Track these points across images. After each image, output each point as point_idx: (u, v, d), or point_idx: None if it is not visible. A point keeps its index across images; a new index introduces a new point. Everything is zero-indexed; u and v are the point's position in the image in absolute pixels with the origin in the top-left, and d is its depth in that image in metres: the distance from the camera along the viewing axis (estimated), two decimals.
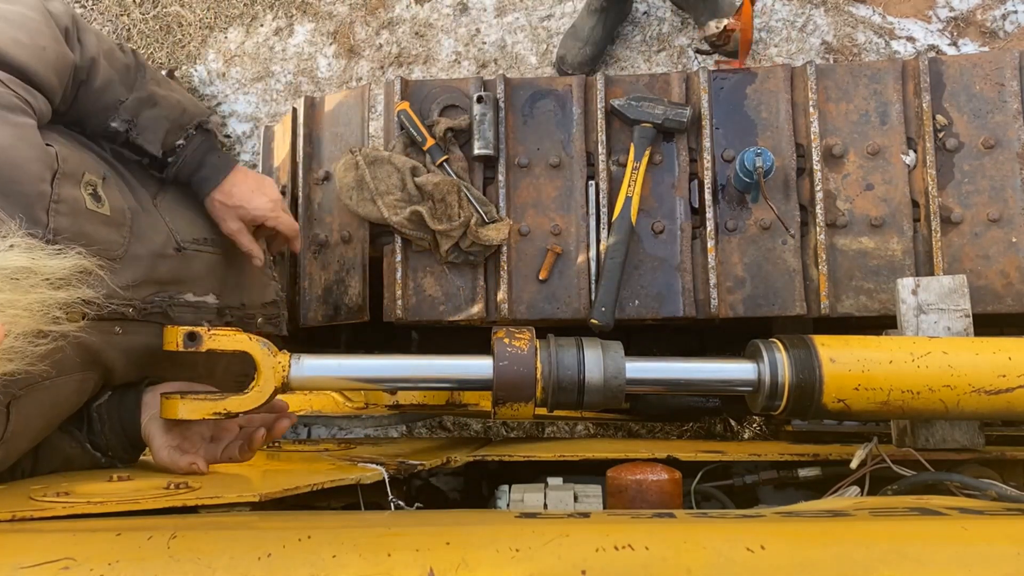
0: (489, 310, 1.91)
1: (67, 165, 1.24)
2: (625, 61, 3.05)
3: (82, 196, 1.25)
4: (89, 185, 1.28)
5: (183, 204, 1.53)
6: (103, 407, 1.33)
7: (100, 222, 1.28)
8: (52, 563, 0.77)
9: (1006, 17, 2.90)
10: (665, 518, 0.92)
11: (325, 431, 2.90)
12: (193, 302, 1.48)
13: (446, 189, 1.87)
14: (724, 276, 1.88)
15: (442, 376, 1.32)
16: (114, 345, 1.31)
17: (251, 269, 1.66)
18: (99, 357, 1.29)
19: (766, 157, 1.78)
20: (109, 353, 1.31)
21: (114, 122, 1.41)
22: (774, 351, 1.30)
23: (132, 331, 1.34)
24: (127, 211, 1.35)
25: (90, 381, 1.30)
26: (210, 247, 1.54)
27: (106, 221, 1.29)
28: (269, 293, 1.76)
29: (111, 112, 1.40)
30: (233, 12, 3.41)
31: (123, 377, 1.37)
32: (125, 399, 1.34)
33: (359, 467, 1.39)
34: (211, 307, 1.53)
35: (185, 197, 1.54)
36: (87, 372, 1.28)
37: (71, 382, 1.26)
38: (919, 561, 0.80)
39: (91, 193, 1.28)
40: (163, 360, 1.38)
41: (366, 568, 0.77)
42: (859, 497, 1.30)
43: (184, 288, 1.47)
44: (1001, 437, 1.71)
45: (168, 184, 1.51)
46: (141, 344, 1.36)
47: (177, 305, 1.44)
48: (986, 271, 1.83)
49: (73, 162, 1.27)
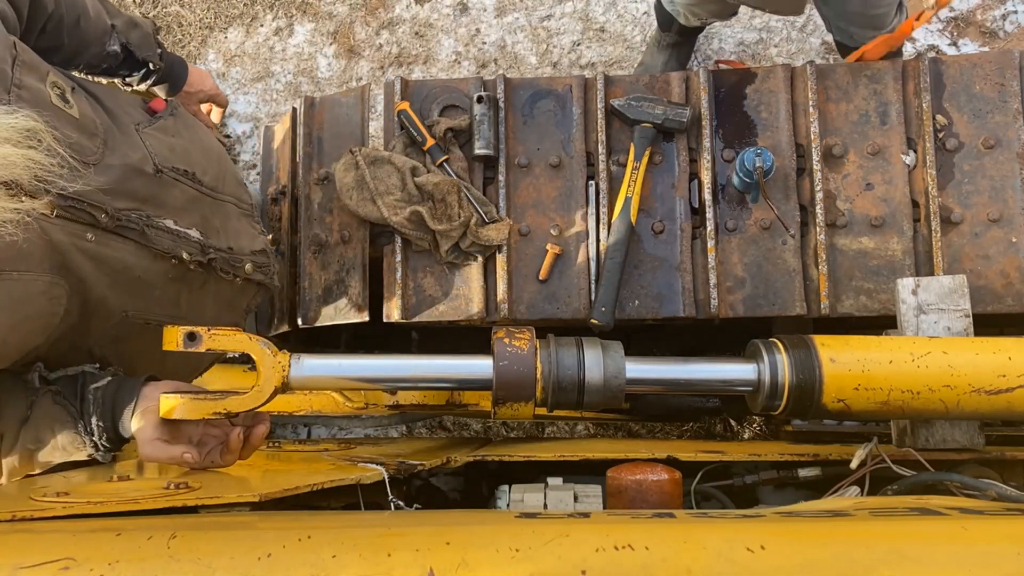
0: (489, 310, 1.91)
1: (27, 55, 1.27)
2: (625, 61, 3.05)
3: (47, 91, 1.27)
4: (56, 87, 1.30)
5: (171, 136, 1.56)
6: (100, 390, 1.33)
7: (68, 122, 1.28)
8: (52, 563, 0.77)
9: (1006, 17, 2.90)
10: (665, 518, 0.92)
11: (325, 431, 2.90)
12: (173, 229, 1.49)
13: (446, 189, 1.87)
14: (724, 276, 1.88)
15: (442, 376, 1.32)
16: (86, 252, 1.31)
17: (237, 218, 1.68)
18: (68, 261, 1.28)
19: (766, 157, 1.78)
20: (79, 259, 1.30)
21: (112, 45, 1.63)
22: (774, 351, 1.30)
23: (105, 242, 1.34)
24: (98, 123, 1.36)
25: (60, 289, 1.28)
26: (191, 181, 1.56)
27: (75, 124, 1.30)
28: (258, 243, 1.77)
29: (107, 36, 1.61)
30: (233, 12, 3.41)
31: (99, 301, 1.36)
32: (123, 386, 1.34)
33: (359, 467, 1.39)
34: (194, 241, 1.54)
35: (176, 132, 1.59)
36: (56, 277, 1.27)
37: (38, 283, 1.24)
38: (919, 561, 0.80)
39: (58, 94, 1.29)
40: (140, 286, 1.40)
41: (366, 568, 0.77)
42: (859, 497, 1.30)
43: (163, 213, 1.47)
44: (1001, 437, 1.71)
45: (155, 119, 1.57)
46: (116, 259, 1.36)
47: (155, 228, 1.44)
48: (986, 271, 1.83)
49: (33, 58, 1.29)
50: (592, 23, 3.11)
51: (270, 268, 1.80)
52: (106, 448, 1.34)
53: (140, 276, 1.43)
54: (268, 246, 1.82)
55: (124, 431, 1.32)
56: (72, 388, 1.34)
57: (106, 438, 1.33)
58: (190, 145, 1.61)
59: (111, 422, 1.32)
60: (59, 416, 1.32)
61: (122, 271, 1.38)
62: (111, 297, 1.38)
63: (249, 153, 3.28)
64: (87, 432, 1.32)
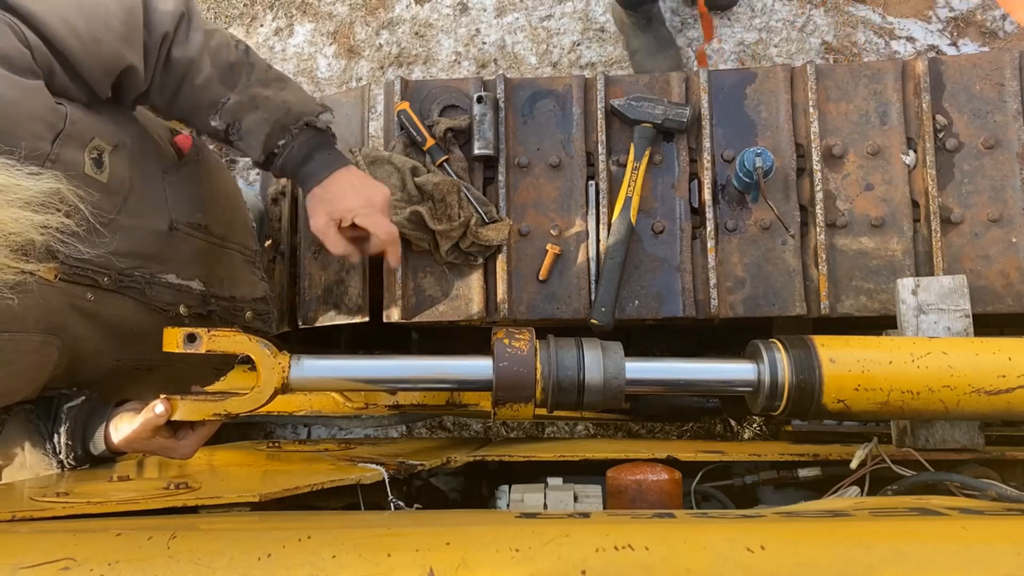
0: (489, 310, 1.91)
1: (74, 128, 1.25)
2: (625, 61, 3.05)
3: (83, 160, 1.26)
4: (95, 150, 1.28)
5: (193, 184, 1.53)
6: (74, 409, 1.33)
7: (94, 187, 1.27)
8: (52, 563, 0.77)
9: (1006, 17, 2.90)
10: (665, 518, 0.92)
11: (325, 431, 2.90)
12: (175, 284, 1.47)
13: (446, 189, 1.87)
14: (724, 276, 1.88)
15: (442, 377, 1.32)
16: (83, 311, 1.30)
17: (241, 266, 1.66)
18: (64, 322, 1.28)
19: (766, 157, 1.78)
20: (74, 319, 1.29)
21: (214, 121, 1.45)
22: (774, 351, 1.30)
23: (103, 301, 1.33)
24: (127, 181, 1.35)
25: (52, 348, 1.28)
26: (202, 234, 1.54)
27: (101, 188, 1.29)
28: (259, 290, 1.76)
29: (212, 110, 1.44)
30: (233, 12, 3.41)
31: (92, 353, 1.36)
32: (97, 408, 1.34)
33: (359, 467, 1.39)
34: (195, 293, 1.53)
35: (198, 179, 1.54)
36: (48, 336, 1.26)
37: (30, 342, 1.24)
38: (919, 561, 0.80)
39: (94, 158, 1.28)
40: (134, 338, 1.38)
41: (366, 568, 0.77)
42: (859, 497, 1.30)
43: (167, 268, 1.46)
44: (1001, 437, 1.71)
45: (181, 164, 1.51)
46: (112, 316, 1.35)
47: (156, 284, 1.43)
48: (986, 271, 1.83)
49: (83, 125, 1.27)
50: (592, 23, 3.11)
51: (270, 316, 1.80)
52: (71, 466, 1.34)
53: (133, 329, 1.41)
54: (268, 293, 1.81)
55: (95, 449, 1.33)
56: (47, 409, 1.34)
57: (73, 456, 1.33)
58: (209, 194, 1.59)
59: (81, 440, 1.32)
60: (30, 434, 1.33)
61: (117, 326, 1.37)
62: (105, 350, 1.38)
63: None
64: (54, 452, 1.32)
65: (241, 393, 1.24)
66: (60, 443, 1.32)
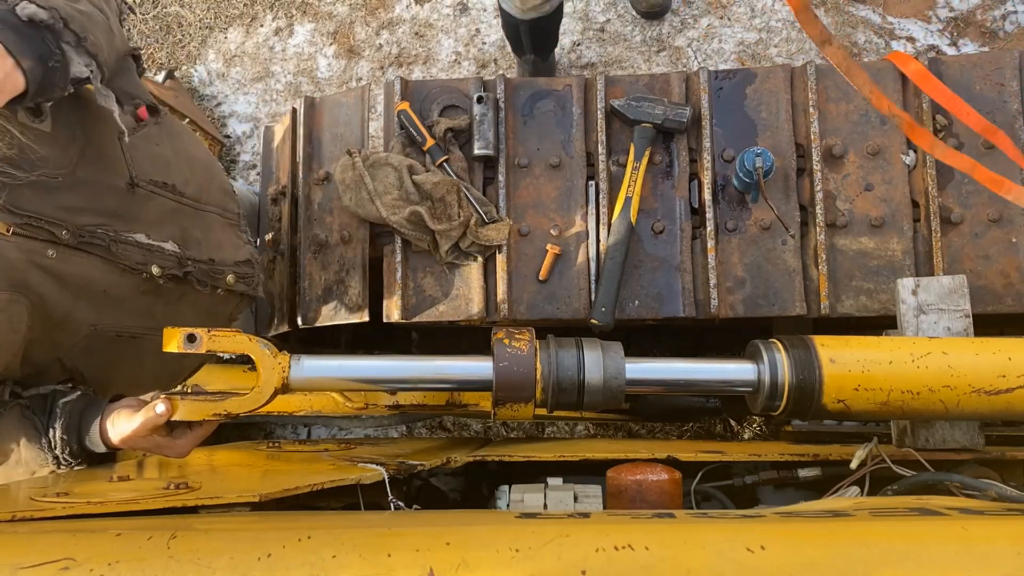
0: (489, 310, 1.91)
1: None
2: (625, 61, 3.05)
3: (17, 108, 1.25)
4: None
5: (152, 144, 1.53)
6: (69, 403, 1.33)
7: (40, 138, 1.27)
8: (52, 563, 0.77)
9: (1006, 17, 2.90)
10: (665, 518, 0.92)
11: (325, 431, 2.91)
12: (145, 244, 1.48)
13: (445, 189, 1.87)
14: (724, 276, 1.88)
15: (442, 377, 1.32)
16: (46, 269, 1.30)
17: (221, 228, 1.66)
18: (26, 279, 1.28)
19: (766, 157, 1.78)
20: (37, 277, 1.30)
21: None
22: (774, 351, 1.30)
23: (67, 259, 1.34)
24: (78, 136, 1.35)
25: (20, 306, 1.28)
26: (170, 193, 1.54)
27: (48, 139, 1.29)
28: (242, 253, 1.76)
29: None
30: (233, 12, 3.41)
31: (63, 315, 1.36)
32: (93, 403, 1.34)
33: (359, 467, 1.39)
34: (169, 254, 1.53)
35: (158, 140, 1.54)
36: (14, 294, 1.27)
37: None
38: (919, 561, 0.80)
39: (30, 107, 1.27)
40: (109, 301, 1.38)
41: (366, 568, 0.77)
42: (859, 497, 1.30)
43: (135, 227, 1.46)
44: (1001, 437, 1.71)
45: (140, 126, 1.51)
46: (78, 275, 1.36)
47: (123, 242, 1.43)
48: (986, 271, 1.83)
49: None
50: (592, 23, 3.11)
51: (254, 279, 1.78)
52: (67, 462, 1.34)
53: (105, 291, 1.41)
54: (254, 256, 1.80)
55: (91, 444, 1.32)
56: (42, 404, 1.34)
57: (69, 451, 1.33)
58: (173, 155, 1.59)
59: (76, 434, 1.32)
60: (25, 429, 1.33)
61: (85, 287, 1.37)
62: (76, 312, 1.38)
63: (249, 153, 3.29)
64: (50, 448, 1.32)
65: (241, 393, 1.24)
66: (55, 438, 1.31)
